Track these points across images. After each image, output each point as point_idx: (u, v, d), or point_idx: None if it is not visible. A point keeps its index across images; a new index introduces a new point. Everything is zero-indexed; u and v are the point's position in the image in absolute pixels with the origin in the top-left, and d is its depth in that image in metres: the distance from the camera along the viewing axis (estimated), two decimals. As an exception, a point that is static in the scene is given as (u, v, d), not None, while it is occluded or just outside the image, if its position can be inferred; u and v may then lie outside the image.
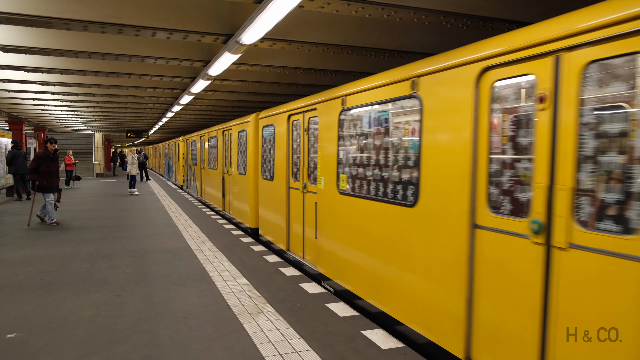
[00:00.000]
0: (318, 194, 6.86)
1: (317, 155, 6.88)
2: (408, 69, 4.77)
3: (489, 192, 3.77)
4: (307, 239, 7.47)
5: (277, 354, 4.18)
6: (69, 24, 5.26)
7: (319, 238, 6.82)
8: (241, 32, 5.23)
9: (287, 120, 8.20)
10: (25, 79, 9.41)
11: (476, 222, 3.87)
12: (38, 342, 4.43)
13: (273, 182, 9.01)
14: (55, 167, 11.24)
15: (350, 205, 5.92)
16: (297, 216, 7.83)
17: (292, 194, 8.07)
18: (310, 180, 7.35)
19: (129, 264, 7.42)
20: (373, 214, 5.39)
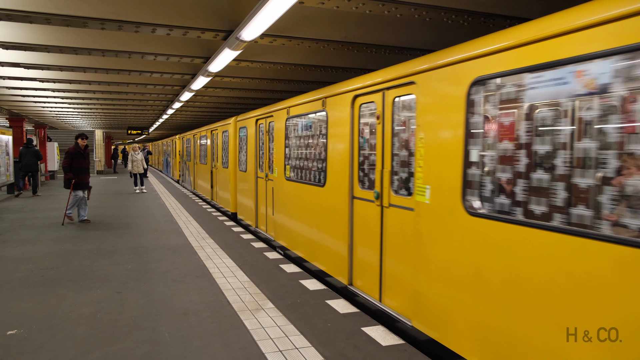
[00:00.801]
0: (274, 180, 9.00)
1: (273, 152, 9.03)
2: (320, 92, 6.98)
3: (359, 176, 5.89)
4: (268, 216, 9.52)
5: (277, 351, 4.18)
6: (69, 20, 5.24)
7: (275, 215, 8.92)
8: (241, 28, 5.21)
9: (255, 123, 10.45)
10: (25, 75, 9.40)
11: (354, 195, 5.97)
12: (38, 339, 4.44)
13: (246, 173, 11.30)
14: (86, 163, 11.09)
15: (291, 188, 8.03)
16: (262, 199, 10.07)
17: (259, 182, 10.31)
18: (270, 171, 9.35)
19: (130, 260, 7.43)
20: (304, 193, 7.49)
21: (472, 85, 3.82)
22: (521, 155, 3.48)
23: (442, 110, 4.20)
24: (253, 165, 10.57)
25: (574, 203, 3.05)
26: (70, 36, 6.48)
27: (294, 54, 7.50)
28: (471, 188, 3.87)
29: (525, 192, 3.41)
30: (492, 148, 3.79)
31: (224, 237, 9.47)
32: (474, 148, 3.87)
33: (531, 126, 3.49)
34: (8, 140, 17.62)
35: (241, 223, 11.76)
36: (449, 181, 4.07)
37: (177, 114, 18.14)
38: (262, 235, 9.89)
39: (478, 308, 3.70)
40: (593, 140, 2.98)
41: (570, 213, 3.03)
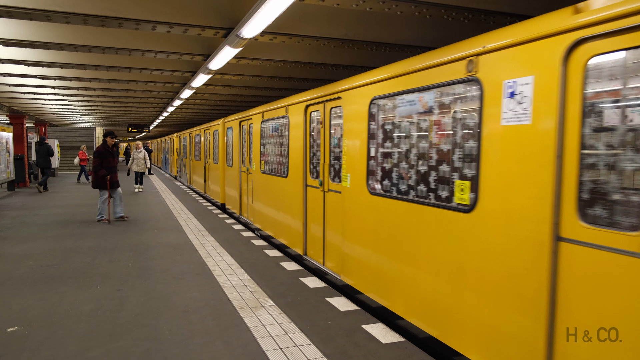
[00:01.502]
0: (252, 174, 10.68)
1: (252, 149, 10.70)
2: (284, 101, 8.48)
3: (310, 168, 7.39)
4: (249, 204, 11.18)
5: (277, 348, 4.19)
6: (69, 17, 5.24)
7: (253, 202, 10.67)
8: (241, 26, 5.20)
9: (239, 125, 11.99)
10: (25, 73, 9.39)
11: (307, 183, 7.49)
12: (39, 336, 4.45)
13: (232, 168, 12.88)
14: (114, 162, 10.82)
15: (265, 179, 9.71)
16: (244, 190, 11.62)
17: (242, 175, 11.81)
18: (250, 165, 10.93)
19: (130, 258, 7.43)
20: (273, 183, 9.14)
21: (371, 102, 5.44)
22: (394, 152, 5.19)
23: (355, 119, 5.80)
24: (237, 161, 12.26)
25: (420, 184, 4.72)
26: (71, 33, 6.48)
27: (294, 52, 7.49)
28: (371, 175, 5.53)
29: (397, 178, 5.13)
30: (380, 147, 5.43)
31: (224, 235, 9.48)
32: (372, 147, 5.51)
33: (399, 132, 5.16)
34: (8, 138, 17.63)
35: (228, 211, 13.59)
36: (359, 170, 5.70)
37: (178, 111, 18.14)
38: (243, 220, 11.74)
39: (375, 258, 5.39)
40: (426, 142, 4.72)
41: (421, 191, 4.69)
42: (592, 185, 3.03)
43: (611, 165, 2.97)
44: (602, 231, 2.89)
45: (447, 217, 4.18)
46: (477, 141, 3.85)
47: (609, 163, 2.97)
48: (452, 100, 4.36)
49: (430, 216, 4.40)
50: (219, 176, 14.41)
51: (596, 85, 3.01)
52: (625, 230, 2.80)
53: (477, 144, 3.86)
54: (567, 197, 3.08)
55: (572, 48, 3.05)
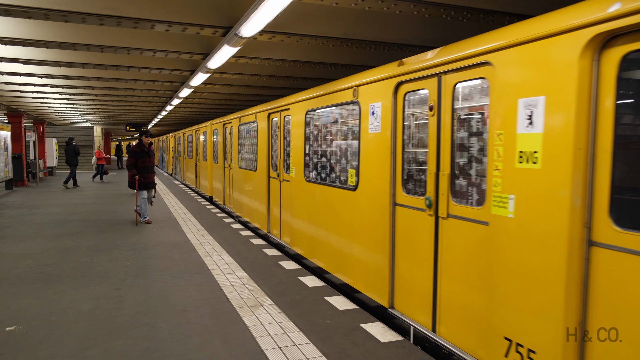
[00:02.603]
0: (232, 169, 12.61)
1: (233, 148, 12.60)
2: (255, 109, 10.34)
3: (271, 163, 9.28)
4: (231, 195, 12.98)
5: (276, 347, 4.19)
6: (67, 16, 5.22)
7: (233, 193, 12.64)
8: (240, 25, 5.19)
9: (222, 127, 14.03)
10: (23, 71, 9.36)
11: (270, 175, 9.33)
12: (37, 335, 4.44)
13: (218, 164, 14.83)
14: (150, 162, 10.65)
15: (241, 173, 11.59)
16: (227, 183, 13.49)
17: (225, 170, 13.74)
18: (231, 161, 12.81)
19: (129, 257, 7.43)
20: (247, 176, 10.94)
21: (306, 114, 7.34)
22: (318, 150, 7.09)
23: (297, 126, 7.69)
24: (221, 159, 14.15)
25: (330, 173, 6.69)
26: (69, 32, 6.46)
27: (293, 51, 7.48)
28: (306, 167, 7.39)
29: (320, 169, 7.02)
30: (311, 147, 7.31)
31: (223, 234, 9.48)
32: (307, 146, 7.40)
33: (320, 136, 7.09)
34: (7, 136, 17.60)
35: (214, 203, 15.33)
36: (299, 164, 7.57)
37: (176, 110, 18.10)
38: (222, 207, 13.98)
39: (309, 229, 7.23)
40: (338, 142, 6.52)
41: (331, 177, 6.63)
42: (409, 169, 4.89)
43: (414, 160, 4.88)
44: (412, 198, 4.68)
45: (345, 194, 6.05)
46: (358, 143, 5.68)
47: (415, 159, 4.86)
48: (347, 114, 6.30)
49: (336, 194, 6.30)
50: (208, 172, 16.57)
51: (409, 109, 4.91)
52: (414, 195, 4.69)
53: (358, 144, 5.69)
54: (398, 178, 4.91)
55: (397, 86, 4.90)
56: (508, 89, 3.44)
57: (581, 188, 2.91)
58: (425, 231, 4.45)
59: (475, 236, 3.81)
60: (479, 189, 3.92)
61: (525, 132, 3.27)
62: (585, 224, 2.92)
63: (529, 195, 3.24)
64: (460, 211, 4.01)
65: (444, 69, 4.17)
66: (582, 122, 2.88)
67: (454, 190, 4.15)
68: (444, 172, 4.19)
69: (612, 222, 2.78)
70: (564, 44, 2.99)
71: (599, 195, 2.86)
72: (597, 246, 2.87)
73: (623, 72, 2.76)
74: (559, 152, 3.01)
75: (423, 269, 4.50)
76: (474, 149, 3.99)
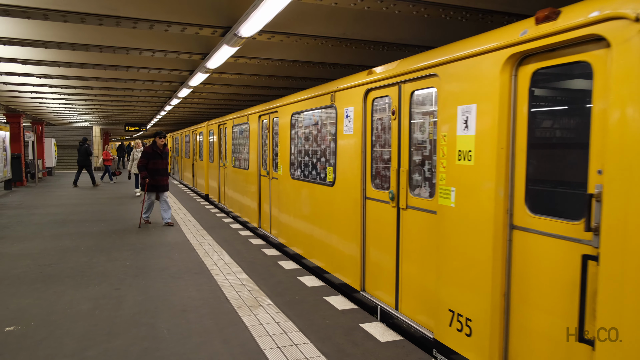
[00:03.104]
0: (227, 168, 13.39)
1: (227, 148, 13.33)
2: (246, 111, 11.06)
3: (262, 162, 9.89)
4: (225, 193, 13.77)
5: (275, 347, 4.20)
6: (66, 16, 5.21)
7: (227, 191, 13.44)
8: (239, 25, 5.19)
9: (217, 127, 14.79)
10: (22, 71, 9.35)
11: (260, 173, 9.92)
12: (37, 335, 4.44)
13: (213, 164, 15.53)
14: (163, 164, 10.36)
15: (235, 172, 12.29)
16: (222, 181, 14.23)
17: (220, 169, 14.45)
18: (225, 161, 13.59)
19: (128, 257, 7.43)
20: (239, 174, 11.79)
21: (291, 116, 7.98)
22: (301, 150, 7.71)
23: (284, 127, 8.31)
24: (217, 158, 14.93)
25: (312, 170, 7.27)
26: (68, 32, 6.45)
27: (292, 51, 7.48)
28: (292, 165, 8.02)
29: (303, 167, 7.60)
30: (295, 147, 7.93)
31: (222, 234, 9.48)
32: (292, 146, 8.01)
33: (304, 137, 7.68)
34: (5, 136, 17.57)
35: (210, 200, 15.99)
36: (285, 163, 8.22)
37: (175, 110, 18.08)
38: (221, 206, 14.33)
39: (293, 221, 7.94)
40: (318, 142, 7.10)
41: (313, 174, 7.22)
42: (377, 167, 5.42)
43: (380, 158, 5.39)
44: (379, 192, 5.29)
45: (324, 189, 6.66)
46: (335, 143, 6.25)
47: (382, 157, 5.35)
48: (326, 117, 6.84)
49: (317, 189, 6.94)
50: (204, 171, 17.29)
51: (377, 114, 5.45)
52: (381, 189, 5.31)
53: (335, 145, 6.27)
54: (368, 175, 5.54)
55: (366, 93, 5.50)
56: (450, 97, 4.00)
57: (503, 181, 3.47)
58: (389, 221, 5.06)
59: (428, 224, 4.42)
60: (431, 183, 4.54)
61: (462, 134, 3.84)
62: (508, 211, 3.49)
63: (466, 187, 3.80)
64: (416, 203, 4.64)
65: (403, 78, 4.77)
66: (504, 126, 3.45)
67: (411, 185, 4.78)
68: (403, 168, 4.79)
69: (527, 209, 3.35)
70: (490, 61, 3.56)
71: (518, 186, 3.43)
72: (517, 229, 3.44)
73: (534, 85, 3.35)
74: (487, 151, 3.57)
75: (388, 254, 5.12)
76: (427, 149, 4.62)
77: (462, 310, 3.85)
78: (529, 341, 3.35)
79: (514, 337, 3.49)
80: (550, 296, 3.15)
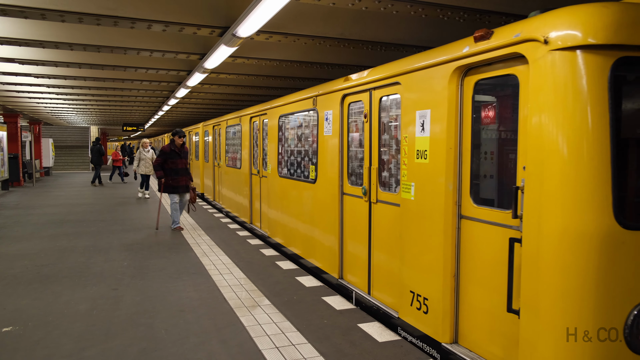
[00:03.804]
0: (221, 167, 13.95)
1: (221, 148, 13.86)
2: (239, 113, 11.60)
3: (252, 161, 10.51)
4: (219, 191, 14.33)
5: (273, 347, 4.20)
6: (64, 15, 5.21)
7: (221, 189, 14.02)
8: (237, 25, 5.19)
9: (212, 128, 15.23)
10: (19, 71, 9.34)
11: (252, 172, 10.48)
12: (34, 336, 4.43)
13: (208, 163, 16.17)
14: (182, 163, 9.76)
15: (228, 171, 12.97)
16: (216, 180, 14.80)
17: (215, 168, 15.01)
18: (220, 161, 14.10)
19: (126, 257, 7.42)
20: (233, 173, 12.28)
21: (279, 118, 8.51)
22: (288, 150, 8.22)
23: (273, 129, 8.83)
24: (212, 158, 15.46)
25: (297, 169, 7.73)
26: (66, 32, 6.44)
27: (290, 51, 7.48)
28: (279, 164, 8.52)
29: (290, 166, 8.07)
30: (282, 147, 8.45)
31: (220, 234, 9.47)
32: (280, 146, 8.53)
33: (289, 138, 8.18)
34: (2, 136, 17.53)
35: (205, 198, 16.49)
36: (274, 162, 8.72)
37: (173, 110, 18.09)
38: (212, 202, 15.14)
39: (279, 216, 8.50)
40: (302, 143, 7.58)
41: (298, 172, 7.67)
42: (352, 165, 5.91)
43: (355, 157, 5.86)
44: (354, 188, 5.81)
45: (307, 186, 7.15)
46: (317, 143, 6.76)
47: (356, 156, 5.83)
48: (309, 120, 7.25)
49: (301, 186, 7.42)
50: (199, 170, 17.90)
51: (352, 117, 5.93)
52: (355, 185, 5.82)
53: (317, 145, 6.77)
54: (345, 172, 6.02)
55: (343, 97, 5.99)
56: (410, 103, 4.51)
57: (452, 176, 3.98)
58: (363, 214, 5.58)
59: (393, 216, 4.93)
60: (396, 179, 5.03)
61: (420, 136, 4.34)
62: (456, 203, 3.99)
63: (422, 182, 4.30)
64: (385, 197, 5.15)
65: (373, 85, 5.29)
66: (452, 128, 3.96)
67: (380, 181, 5.28)
68: (374, 166, 5.33)
69: (472, 200, 3.88)
70: (441, 73, 4.07)
71: (464, 181, 3.94)
72: (464, 218, 3.96)
73: (477, 94, 3.88)
74: (438, 150, 4.08)
75: (362, 244, 5.64)
76: (393, 149, 5.09)
77: (420, 290, 4.37)
78: (474, 315, 3.87)
79: (464, 312, 3.99)
80: (489, 275, 3.68)
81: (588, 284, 2.91)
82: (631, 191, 3.23)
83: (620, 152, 3.01)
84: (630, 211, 3.16)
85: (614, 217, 2.89)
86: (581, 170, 2.91)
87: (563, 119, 2.97)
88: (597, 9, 2.97)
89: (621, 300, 2.97)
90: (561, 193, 2.97)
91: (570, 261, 2.94)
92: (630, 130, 3.21)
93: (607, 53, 2.93)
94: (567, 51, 2.98)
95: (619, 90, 3.03)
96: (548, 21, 3.12)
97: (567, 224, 2.95)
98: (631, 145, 3.24)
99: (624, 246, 2.93)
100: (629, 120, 3.19)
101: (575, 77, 2.96)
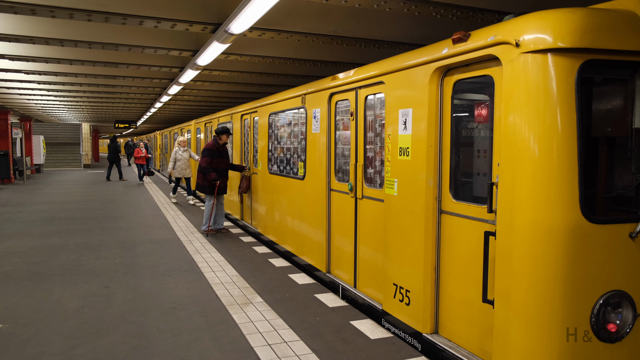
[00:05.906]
0: None
1: None
2: (230, 110, 11.52)
3: (243, 158, 10.61)
4: None
5: (266, 345, 4.19)
6: (54, 11, 5.15)
7: None
8: (230, 21, 5.17)
9: (204, 125, 15.05)
10: (9, 67, 9.23)
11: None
12: (25, 334, 4.40)
13: None
14: (224, 163, 9.28)
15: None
16: None
17: None
18: None
19: (117, 255, 7.38)
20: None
21: (269, 116, 8.60)
22: (277, 147, 8.32)
23: (263, 126, 8.89)
24: None
25: (286, 166, 7.86)
26: (56, 28, 6.37)
27: (282, 48, 7.46)
28: (269, 161, 8.60)
29: (279, 163, 8.22)
30: (272, 144, 8.54)
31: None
32: (270, 144, 8.60)
33: (279, 135, 8.26)
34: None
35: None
36: (264, 159, 8.82)
37: (166, 107, 17.98)
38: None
39: (268, 211, 8.68)
40: (292, 140, 7.66)
41: (287, 169, 7.79)
42: (339, 162, 6.02)
43: (342, 154, 5.96)
44: (341, 184, 5.92)
45: (296, 182, 7.27)
46: (305, 141, 6.87)
47: (343, 153, 5.95)
48: (298, 118, 7.37)
49: (290, 183, 7.54)
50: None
51: (339, 115, 6.03)
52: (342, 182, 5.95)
53: (305, 142, 6.87)
54: (332, 169, 6.15)
55: (330, 96, 6.11)
56: (393, 102, 4.66)
57: (433, 173, 4.13)
58: (349, 210, 5.72)
59: (378, 211, 5.06)
60: (381, 176, 5.13)
61: (402, 134, 4.47)
62: (437, 198, 4.16)
63: (405, 178, 4.45)
64: (370, 193, 5.30)
65: (359, 84, 5.42)
66: (432, 126, 4.11)
67: (366, 177, 5.42)
68: (360, 163, 5.44)
69: (451, 196, 4.04)
70: (422, 73, 4.21)
71: (444, 177, 4.10)
72: (444, 213, 4.12)
73: (456, 93, 4.02)
74: (420, 148, 4.22)
75: (348, 239, 5.79)
76: (378, 146, 5.23)
77: (403, 283, 4.52)
78: (453, 305, 4.03)
79: (444, 303, 4.15)
80: (467, 267, 3.84)
81: (557, 274, 3.07)
82: (598, 187, 3.42)
83: (588, 151, 3.17)
84: (596, 206, 3.37)
85: (581, 211, 3.06)
86: (550, 168, 3.06)
87: (534, 118, 3.11)
88: (566, 14, 3.09)
89: (588, 290, 3.12)
90: (532, 189, 3.12)
91: (540, 253, 3.10)
92: (599, 129, 3.35)
93: (574, 56, 3.08)
94: (537, 54, 3.11)
95: (586, 92, 3.18)
96: (520, 25, 3.25)
97: (537, 218, 3.10)
98: (599, 143, 3.40)
99: (590, 239, 3.09)
100: (596, 120, 3.32)
101: (545, 79, 3.09)
